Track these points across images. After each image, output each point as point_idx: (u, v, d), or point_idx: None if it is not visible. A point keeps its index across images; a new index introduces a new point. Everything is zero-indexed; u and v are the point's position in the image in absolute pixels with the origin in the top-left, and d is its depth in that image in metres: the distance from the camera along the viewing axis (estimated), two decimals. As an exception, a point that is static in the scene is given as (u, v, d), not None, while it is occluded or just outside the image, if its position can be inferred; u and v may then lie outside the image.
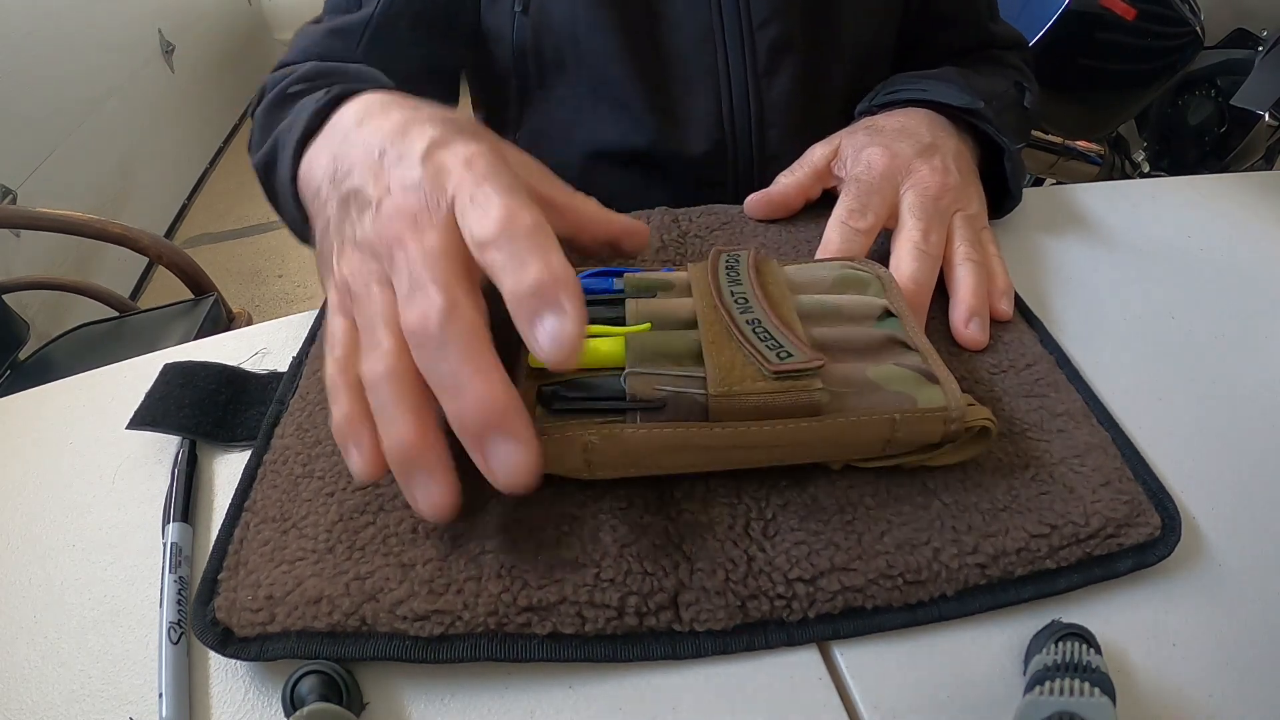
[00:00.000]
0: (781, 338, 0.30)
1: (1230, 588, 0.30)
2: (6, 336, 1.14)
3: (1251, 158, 1.38)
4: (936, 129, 0.47)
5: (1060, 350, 0.38)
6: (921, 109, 0.49)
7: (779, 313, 0.32)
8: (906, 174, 0.43)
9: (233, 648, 0.27)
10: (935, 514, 0.30)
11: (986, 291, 0.40)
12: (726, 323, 0.31)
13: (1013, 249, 0.47)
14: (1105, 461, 0.32)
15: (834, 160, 0.47)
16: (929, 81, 0.50)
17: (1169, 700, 0.27)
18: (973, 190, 0.45)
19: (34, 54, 1.85)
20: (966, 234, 0.42)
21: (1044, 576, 0.29)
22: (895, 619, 0.28)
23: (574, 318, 0.24)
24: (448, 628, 0.27)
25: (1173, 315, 0.42)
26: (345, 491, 0.32)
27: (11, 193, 1.67)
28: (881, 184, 0.43)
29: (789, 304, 0.33)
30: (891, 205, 0.43)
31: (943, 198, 0.42)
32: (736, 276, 0.35)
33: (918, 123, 0.47)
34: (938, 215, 0.42)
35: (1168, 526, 0.30)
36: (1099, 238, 0.49)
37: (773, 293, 0.34)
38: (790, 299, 0.34)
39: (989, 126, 0.48)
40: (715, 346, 0.30)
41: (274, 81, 0.47)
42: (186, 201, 2.58)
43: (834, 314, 0.34)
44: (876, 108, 0.51)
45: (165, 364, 0.40)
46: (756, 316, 0.32)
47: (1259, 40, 1.44)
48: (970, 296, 0.39)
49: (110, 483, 0.36)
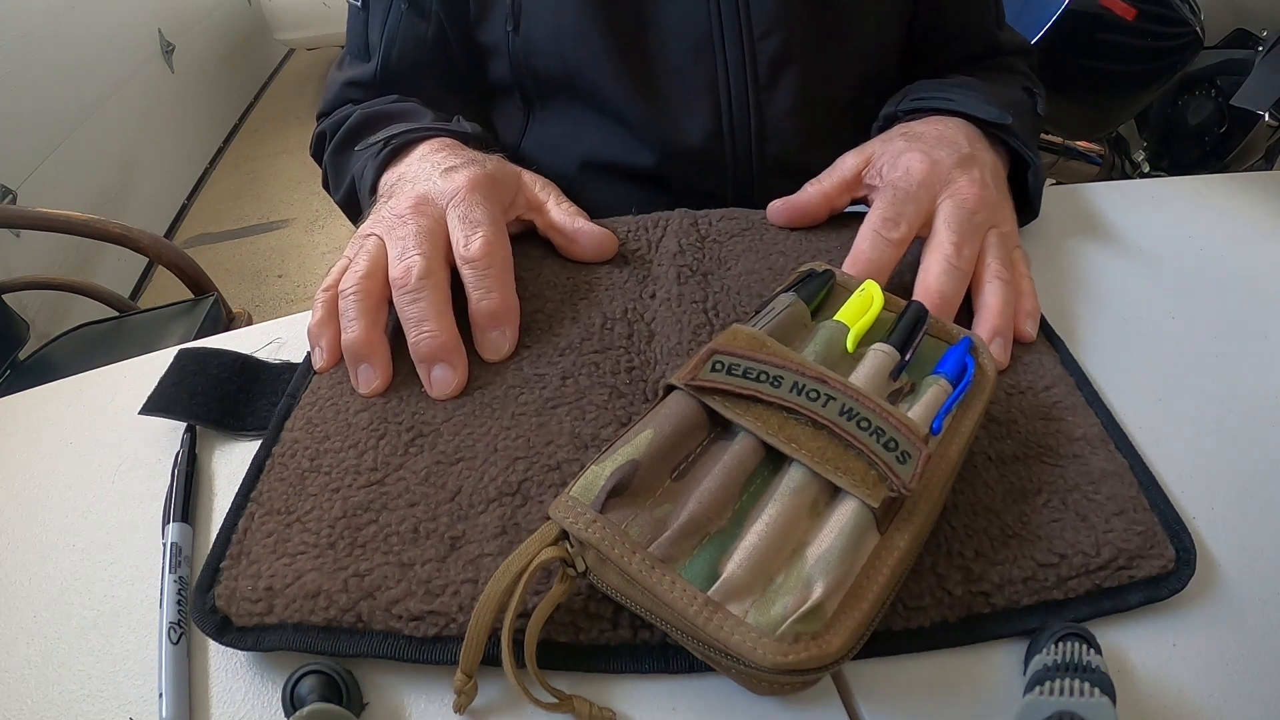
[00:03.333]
0: (881, 422, 0.27)
1: (1230, 588, 0.30)
2: (6, 336, 1.14)
3: (1251, 158, 1.38)
4: (974, 140, 0.46)
5: (1081, 371, 0.37)
6: (956, 118, 0.48)
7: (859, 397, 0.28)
8: (945, 184, 0.42)
9: (229, 636, 0.28)
10: (942, 538, 0.29)
11: (1013, 312, 0.39)
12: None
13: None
14: (1121, 490, 0.31)
15: (866, 168, 0.45)
16: (954, 91, 0.50)
17: (1169, 700, 0.27)
18: (1007, 207, 0.45)
19: (34, 54, 1.85)
20: (999, 252, 0.41)
21: (1050, 607, 0.28)
22: (896, 645, 0.28)
23: (510, 339, 0.38)
24: (442, 629, 0.27)
25: (1173, 316, 0.42)
26: (350, 488, 0.32)
27: (11, 193, 1.67)
28: (919, 192, 0.42)
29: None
30: (927, 215, 0.42)
31: (979, 212, 0.41)
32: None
33: (955, 132, 0.46)
34: (972, 230, 0.41)
35: (1182, 560, 0.29)
36: (1099, 238, 0.49)
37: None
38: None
39: (1017, 141, 0.47)
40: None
41: (333, 128, 0.56)
42: (186, 201, 2.58)
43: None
44: (903, 114, 0.50)
45: (180, 350, 0.40)
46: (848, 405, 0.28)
47: (1259, 40, 1.44)
48: (996, 316, 0.38)
49: (110, 483, 0.36)
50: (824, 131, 0.54)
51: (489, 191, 0.41)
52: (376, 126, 0.51)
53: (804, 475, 0.27)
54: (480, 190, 0.41)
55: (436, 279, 0.37)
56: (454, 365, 0.37)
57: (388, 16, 0.56)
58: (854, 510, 0.26)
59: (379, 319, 0.38)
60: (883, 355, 0.31)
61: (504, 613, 0.26)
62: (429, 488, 0.32)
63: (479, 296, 0.38)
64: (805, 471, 0.27)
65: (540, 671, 0.26)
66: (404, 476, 0.32)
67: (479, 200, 0.40)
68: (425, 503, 0.31)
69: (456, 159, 0.43)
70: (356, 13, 0.58)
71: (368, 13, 0.57)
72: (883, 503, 0.26)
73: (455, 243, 0.39)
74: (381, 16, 0.56)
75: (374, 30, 0.56)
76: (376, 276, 0.38)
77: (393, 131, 0.47)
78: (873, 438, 0.27)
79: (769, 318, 0.32)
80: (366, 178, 0.47)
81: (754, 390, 0.28)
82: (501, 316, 0.38)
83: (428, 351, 0.36)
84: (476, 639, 0.26)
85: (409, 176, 0.43)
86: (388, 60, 0.56)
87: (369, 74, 0.57)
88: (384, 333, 0.38)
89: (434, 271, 0.37)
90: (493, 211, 0.40)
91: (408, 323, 0.37)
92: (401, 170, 0.45)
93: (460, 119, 0.50)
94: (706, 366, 0.29)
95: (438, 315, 0.37)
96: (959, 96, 0.49)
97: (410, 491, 0.32)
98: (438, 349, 0.36)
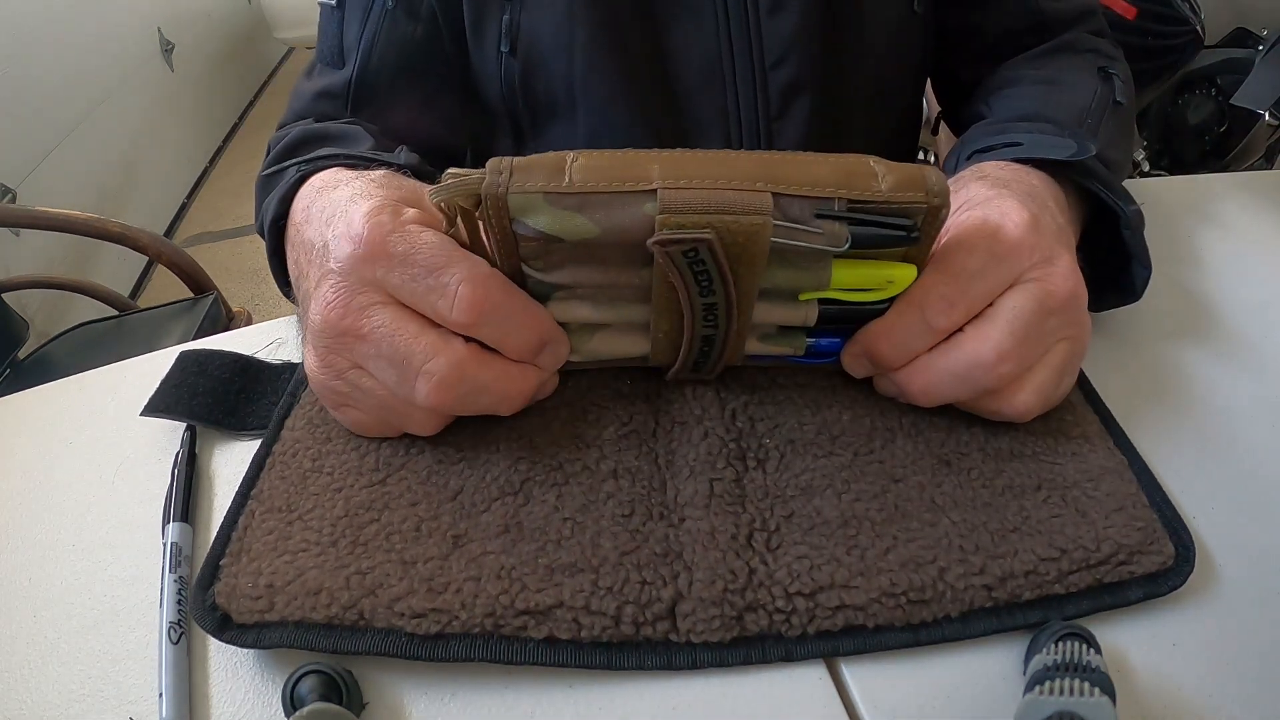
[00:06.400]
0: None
1: (1229, 588, 0.30)
2: (6, 336, 1.14)
3: (1251, 157, 1.38)
4: (1063, 205, 0.36)
5: (1078, 369, 0.37)
6: (1036, 173, 0.37)
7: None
8: (1044, 259, 0.31)
9: (230, 633, 0.28)
10: (943, 532, 0.30)
11: (970, 394, 0.32)
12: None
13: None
14: (1120, 486, 0.31)
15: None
16: (1017, 133, 0.40)
17: (1169, 700, 0.27)
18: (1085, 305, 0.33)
19: (34, 54, 1.85)
20: (1055, 376, 0.32)
21: (1051, 601, 0.28)
22: (897, 638, 0.28)
23: (561, 346, 0.32)
24: (444, 626, 0.27)
25: (1171, 314, 0.42)
26: (353, 488, 0.32)
27: (11, 192, 1.67)
28: (1012, 258, 0.30)
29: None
30: (993, 297, 0.30)
31: (1061, 314, 0.30)
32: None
33: (1043, 188, 0.36)
34: (1038, 340, 0.30)
35: (1181, 556, 0.29)
36: (1099, 237, 0.49)
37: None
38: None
39: (1099, 187, 0.37)
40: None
41: (274, 143, 0.48)
42: (186, 200, 2.58)
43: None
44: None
45: (181, 351, 0.40)
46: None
47: (1259, 39, 1.44)
48: (947, 376, 0.31)
49: (110, 483, 0.36)
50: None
51: (397, 208, 0.30)
52: (308, 149, 0.44)
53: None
54: (388, 213, 0.30)
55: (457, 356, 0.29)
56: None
57: (368, 15, 0.50)
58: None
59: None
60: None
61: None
62: (431, 487, 0.32)
63: (506, 345, 0.30)
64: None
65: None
66: (405, 476, 0.32)
67: (404, 232, 0.29)
68: (427, 502, 0.31)
69: (340, 194, 0.33)
70: (330, 12, 0.51)
71: (344, 11, 0.51)
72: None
73: (434, 315, 0.29)
74: (360, 15, 0.50)
75: (350, 31, 0.51)
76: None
77: (307, 157, 0.40)
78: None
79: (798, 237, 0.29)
80: (267, 215, 0.39)
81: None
82: (539, 345, 0.31)
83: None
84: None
85: (305, 245, 0.34)
86: (366, 65, 0.50)
87: (342, 82, 0.51)
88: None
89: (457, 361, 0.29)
90: (427, 230, 0.29)
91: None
92: (296, 245, 0.36)
93: (404, 150, 0.43)
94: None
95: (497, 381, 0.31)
96: (1025, 138, 0.39)
97: (412, 490, 0.32)
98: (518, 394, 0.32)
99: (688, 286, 0.29)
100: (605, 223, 0.28)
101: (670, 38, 0.50)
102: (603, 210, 0.27)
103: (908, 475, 0.32)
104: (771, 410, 0.35)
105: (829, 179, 0.28)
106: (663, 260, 0.28)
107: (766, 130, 0.52)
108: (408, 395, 0.30)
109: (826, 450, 0.33)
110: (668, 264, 0.28)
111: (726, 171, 0.28)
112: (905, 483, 0.31)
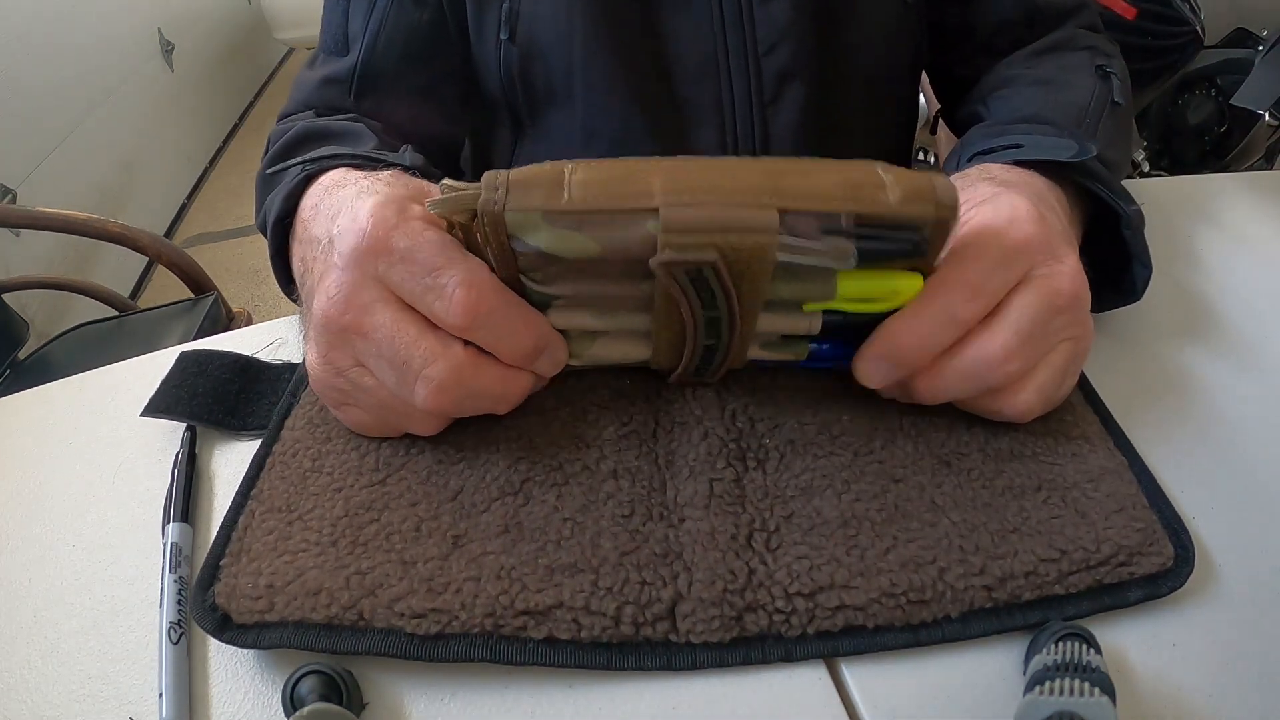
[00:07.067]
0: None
1: (1229, 589, 0.30)
2: (6, 336, 1.14)
3: (1251, 157, 1.38)
4: (1065, 207, 0.37)
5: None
6: (1039, 176, 0.37)
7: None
8: (1051, 258, 0.31)
9: (229, 633, 0.28)
10: (943, 532, 0.30)
11: (977, 392, 0.32)
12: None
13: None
14: (1120, 487, 0.31)
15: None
16: (1016, 135, 0.40)
17: (1169, 700, 0.27)
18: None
19: (34, 54, 1.85)
20: (1057, 376, 0.32)
21: (1051, 602, 0.28)
22: (897, 639, 0.28)
23: (558, 352, 0.32)
24: (444, 627, 0.27)
25: (1171, 315, 0.42)
26: (352, 488, 0.32)
27: (11, 192, 1.67)
28: (1023, 255, 0.30)
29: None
30: (1007, 289, 0.30)
31: (1066, 313, 0.31)
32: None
33: (1047, 190, 0.36)
34: (1044, 339, 0.31)
35: (1180, 558, 0.29)
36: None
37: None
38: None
39: (1099, 187, 0.38)
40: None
41: (275, 137, 0.48)
42: (186, 201, 2.58)
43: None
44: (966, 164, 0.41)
45: (181, 352, 0.40)
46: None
47: (1259, 40, 1.44)
48: (960, 376, 0.31)
49: (110, 483, 0.36)
50: (830, 146, 0.53)
51: (403, 204, 0.30)
52: (310, 146, 0.44)
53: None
54: (393, 208, 0.29)
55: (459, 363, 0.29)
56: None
57: (375, 1, 0.50)
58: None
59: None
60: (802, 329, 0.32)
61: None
62: (431, 487, 0.32)
63: (501, 351, 0.30)
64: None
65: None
66: (405, 476, 0.32)
67: (407, 228, 0.29)
68: (427, 502, 0.31)
69: (348, 191, 0.33)
70: (335, 2, 0.52)
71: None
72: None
73: (430, 315, 0.29)
74: (366, 2, 0.51)
75: (356, 19, 0.51)
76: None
77: (312, 155, 0.39)
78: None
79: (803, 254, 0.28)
80: (271, 213, 0.38)
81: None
82: (535, 352, 0.31)
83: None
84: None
85: (311, 241, 0.34)
86: (371, 52, 0.50)
87: (346, 68, 0.51)
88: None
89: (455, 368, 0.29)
90: (430, 229, 0.29)
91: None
92: (302, 243, 0.36)
93: (408, 150, 0.42)
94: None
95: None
96: (1026, 139, 0.39)
97: (412, 491, 0.32)
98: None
99: (690, 301, 0.29)
100: (606, 241, 0.27)
101: (666, 25, 0.51)
102: (603, 229, 0.27)
103: (908, 475, 0.32)
104: (771, 410, 0.34)
105: (835, 191, 0.27)
106: (665, 279, 0.28)
107: (760, 116, 0.52)
108: (407, 397, 0.30)
109: (826, 450, 0.33)
110: (670, 281, 0.28)
111: (730, 184, 0.27)
112: (905, 483, 0.31)
